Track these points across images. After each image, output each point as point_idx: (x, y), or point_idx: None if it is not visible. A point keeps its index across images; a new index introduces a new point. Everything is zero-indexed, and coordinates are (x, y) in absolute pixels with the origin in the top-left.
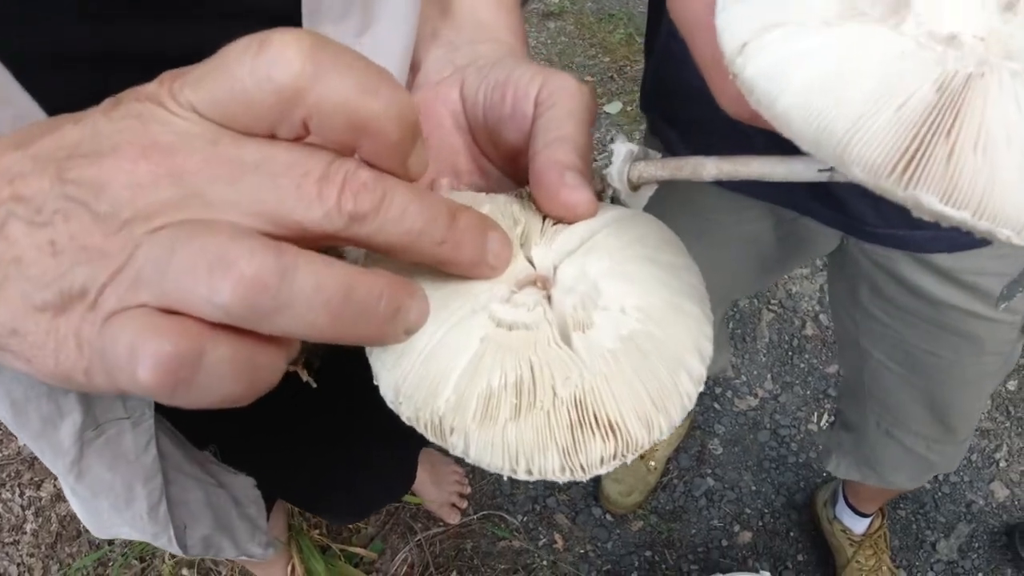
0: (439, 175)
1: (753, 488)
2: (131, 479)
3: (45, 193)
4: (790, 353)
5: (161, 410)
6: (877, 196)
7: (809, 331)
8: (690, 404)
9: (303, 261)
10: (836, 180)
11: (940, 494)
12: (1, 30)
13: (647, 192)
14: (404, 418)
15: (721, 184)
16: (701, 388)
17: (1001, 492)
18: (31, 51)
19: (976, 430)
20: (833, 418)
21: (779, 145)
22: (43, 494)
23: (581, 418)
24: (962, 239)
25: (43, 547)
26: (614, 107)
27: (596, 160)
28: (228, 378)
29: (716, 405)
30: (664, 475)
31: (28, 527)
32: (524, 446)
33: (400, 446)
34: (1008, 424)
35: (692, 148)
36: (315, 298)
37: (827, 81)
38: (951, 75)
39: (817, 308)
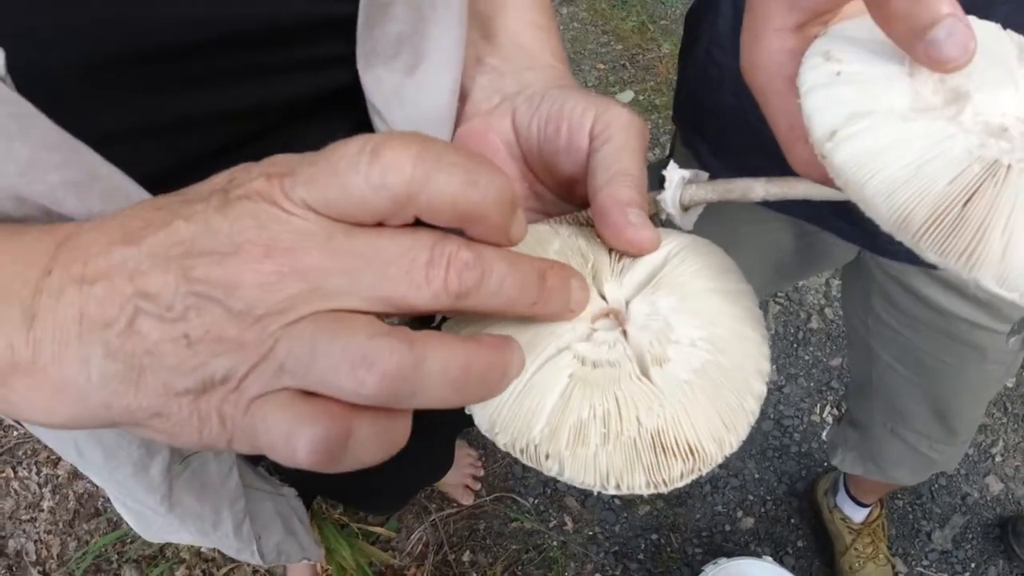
0: None
1: (756, 476)
2: (218, 504)
3: (172, 290)
4: (795, 345)
5: None
6: None
7: (814, 324)
8: (754, 419)
9: (431, 349)
10: None
11: (936, 486)
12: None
13: (696, 212)
14: (500, 445)
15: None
16: (762, 403)
17: (996, 486)
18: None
19: None
20: (838, 412)
21: None
22: (60, 472)
23: (664, 444)
24: None
25: (60, 524)
26: (626, 96)
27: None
28: (372, 448)
29: None
30: None
31: (45, 504)
32: (614, 469)
33: (438, 436)
34: (1005, 420)
35: (721, 161)
36: (443, 379)
37: (908, 176)
38: (1006, 170)
39: (823, 302)
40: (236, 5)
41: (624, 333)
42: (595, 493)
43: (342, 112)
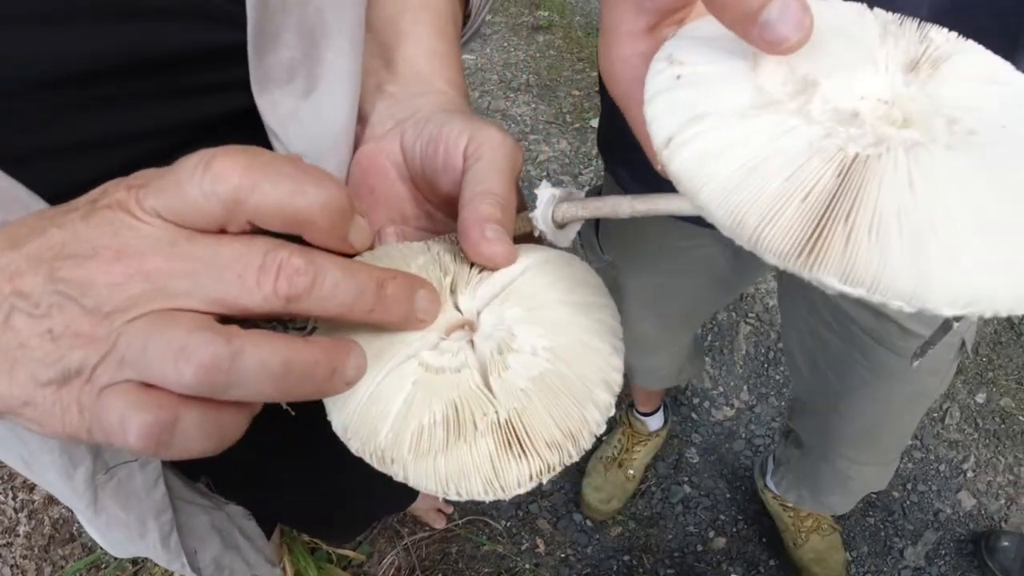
0: (388, 223)
1: (728, 496)
2: (143, 515)
3: (40, 289)
4: (766, 365)
5: None
6: None
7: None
8: (599, 429)
9: (248, 344)
10: None
11: (908, 502)
12: None
13: (573, 229)
14: (353, 450)
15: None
16: (611, 414)
17: (968, 501)
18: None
19: (944, 441)
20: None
21: None
22: (36, 497)
23: (498, 448)
24: None
25: (36, 549)
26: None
27: (571, 183)
28: (200, 438)
29: (693, 415)
30: (642, 482)
31: (21, 529)
32: (452, 474)
33: None
34: (976, 436)
35: (644, 185)
36: (261, 373)
37: (740, 179)
38: (851, 159)
39: None
40: (125, 39)
41: (472, 342)
42: (567, 514)
43: (249, 132)
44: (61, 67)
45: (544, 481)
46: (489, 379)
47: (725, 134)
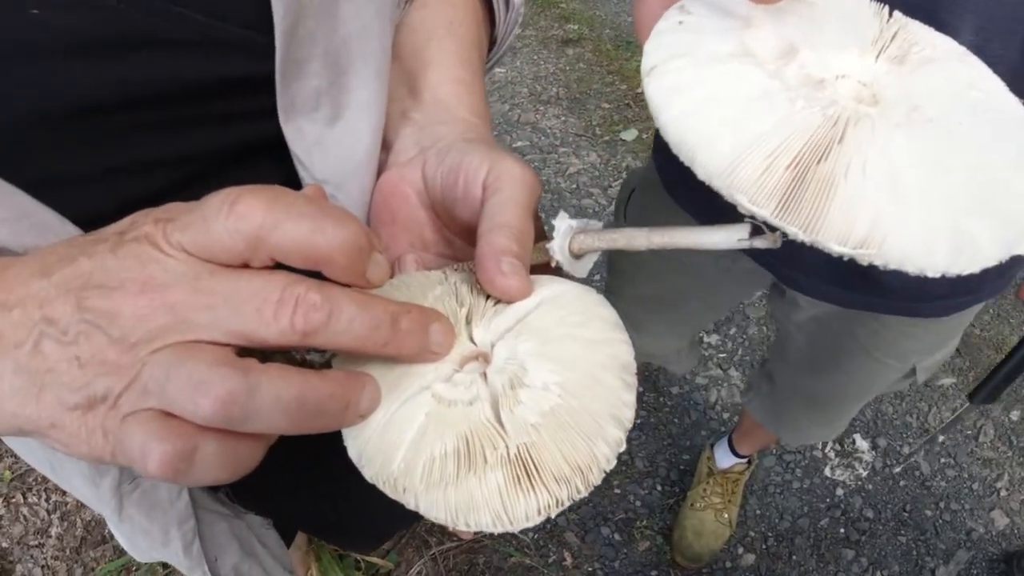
0: (408, 249)
1: (758, 512)
2: (167, 524)
3: (69, 317)
4: None
5: None
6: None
7: None
8: (608, 465)
9: (265, 379)
10: (756, 247)
11: (941, 521)
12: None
13: (590, 260)
14: (367, 477)
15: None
16: (621, 449)
17: (1001, 520)
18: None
19: (978, 459)
20: (840, 447)
21: None
22: (69, 499)
23: (506, 482)
24: (874, 301)
25: (68, 551)
26: (630, 134)
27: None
28: (216, 467)
29: (723, 430)
30: (670, 496)
31: (53, 531)
32: (461, 506)
33: None
34: (1010, 454)
35: (696, 205)
36: (276, 407)
37: (696, 107)
38: (796, 110)
39: None
40: (152, 70)
41: (484, 375)
42: (595, 528)
43: (275, 159)
44: (88, 97)
45: (552, 515)
46: (500, 413)
47: (697, 72)
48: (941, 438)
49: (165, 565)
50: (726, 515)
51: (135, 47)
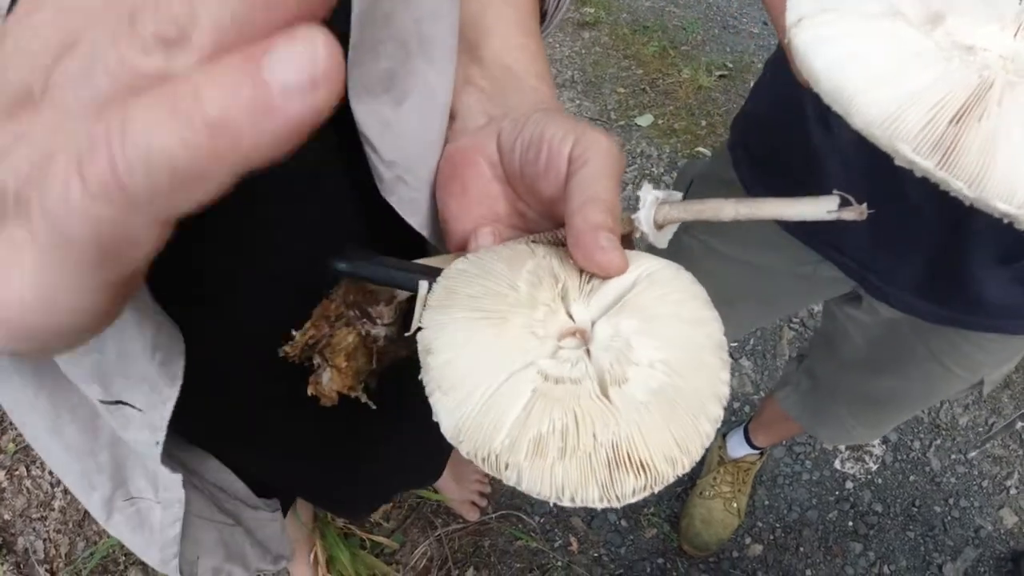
0: (481, 222)
1: (766, 503)
2: (149, 543)
3: None
4: None
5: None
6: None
7: None
8: (708, 442)
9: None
10: (844, 218)
11: (950, 518)
12: None
13: (671, 230)
14: (463, 452)
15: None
16: (719, 426)
17: (1010, 519)
18: None
19: (988, 456)
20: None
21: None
22: None
23: (618, 459)
24: (963, 318)
25: (70, 524)
26: (645, 119)
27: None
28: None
29: (733, 419)
30: (678, 484)
31: (56, 504)
32: (569, 482)
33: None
34: (1021, 452)
35: (759, 178)
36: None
37: (851, 58)
38: (953, 68)
39: None
40: None
41: (588, 352)
42: (599, 510)
43: (341, 136)
44: None
45: (656, 491)
46: (608, 391)
47: (849, 25)
48: (954, 436)
49: None
50: (735, 504)
51: None
